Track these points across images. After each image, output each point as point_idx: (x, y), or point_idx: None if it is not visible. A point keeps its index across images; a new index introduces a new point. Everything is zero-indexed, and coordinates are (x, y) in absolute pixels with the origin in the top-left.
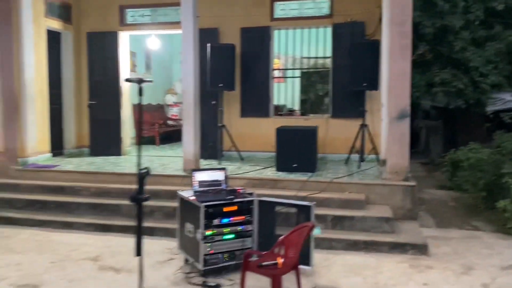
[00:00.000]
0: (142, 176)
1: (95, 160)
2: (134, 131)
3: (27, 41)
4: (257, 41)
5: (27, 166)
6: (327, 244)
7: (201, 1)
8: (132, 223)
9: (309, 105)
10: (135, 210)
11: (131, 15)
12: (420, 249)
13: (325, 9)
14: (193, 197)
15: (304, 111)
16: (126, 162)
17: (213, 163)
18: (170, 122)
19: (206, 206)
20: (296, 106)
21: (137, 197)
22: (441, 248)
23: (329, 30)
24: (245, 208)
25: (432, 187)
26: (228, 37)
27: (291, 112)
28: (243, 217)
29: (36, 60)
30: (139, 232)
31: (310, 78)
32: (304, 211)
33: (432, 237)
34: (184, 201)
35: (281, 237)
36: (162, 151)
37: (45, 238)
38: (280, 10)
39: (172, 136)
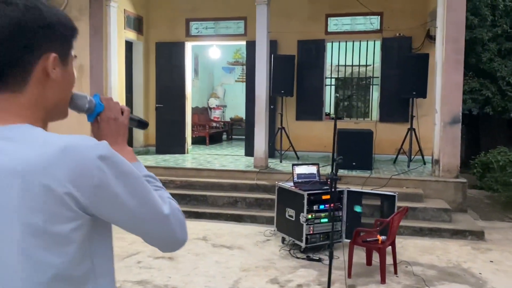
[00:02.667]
0: (338, 162)
1: (165, 157)
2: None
3: (112, 50)
4: (312, 52)
5: None
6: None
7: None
8: (219, 210)
9: (344, 109)
10: (331, 186)
11: (195, 27)
12: (478, 235)
13: (375, 25)
14: (294, 187)
15: (341, 116)
16: (194, 159)
17: (274, 161)
18: (213, 124)
19: (309, 194)
20: (332, 111)
21: (333, 178)
22: (493, 235)
23: (378, 43)
24: (336, 197)
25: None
26: (286, 49)
27: (327, 116)
28: (334, 204)
29: (119, 68)
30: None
31: (351, 85)
32: (388, 200)
33: (482, 226)
34: (284, 190)
35: (389, 218)
36: (217, 150)
37: None
38: (334, 25)
39: (215, 137)
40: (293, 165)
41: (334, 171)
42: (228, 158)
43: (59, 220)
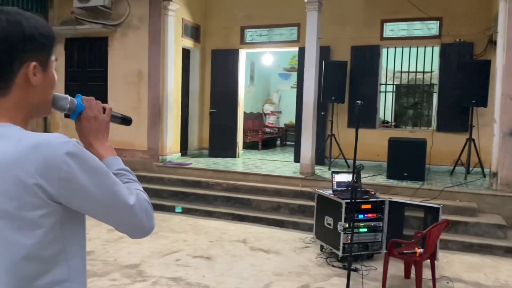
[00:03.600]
0: (358, 169)
1: (217, 161)
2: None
3: (170, 58)
4: (367, 58)
5: (166, 163)
6: (443, 245)
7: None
8: (262, 215)
9: (405, 117)
10: (351, 195)
11: (250, 34)
12: None
13: (433, 30)
14: (333, 195)
15: (398, 123)
16: (244, 164)
17: (322, 168)
18: (267, 130)
19: (347, 203)
20: (390, 119)
21: (353, 185)
22: None
23: (436, 49)
24: (377, 207)
25: None
26: (339, 55)
27: (385, 123)
28: (375, 214)
29: (175, 74)
30: (353, 212)
31: (408, 92)
32: (432, 212)
33: None
34: (324, 198)
35: (425, 230)
36: (267, 156)
37: (194, 223)
38: (389, 31)
39: (268, 142)
40: (332, 172)
41: (354, 178)
42: (276, 163)
43: (29, 208)
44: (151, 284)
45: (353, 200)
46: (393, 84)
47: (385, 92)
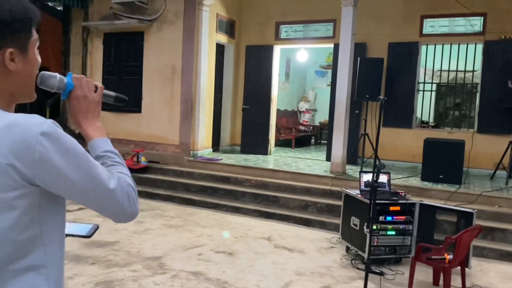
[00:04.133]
0: (379, 168)
1: (248, 157)
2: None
3: (203, 53)
4: (404, 56)
5: (197, 158)
6: (478, 252)
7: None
8: (289, 213)
9: (443, 117)
10: (370, 195)
11: (285, 30)
12: None
13: (477, 27)
14: (360, 195)
15: (437, 124)
16: (274, 161)
17: (354, 168)
18: (301, 128)
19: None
20: (429, 119)
21: (373, 185)
22: None
23: (479, 47)
24: (407, 210)
25: None
26: (375, 52)
27: (424, 123)
28: (404, 217)
29: (208, 69)
30: (372, 212)
31: (448, 91)
32: (465, 217)
33: None
34: (351, 198)
35: (456, 235)
36: (300, 154)
37: (221, 218)
38: (429, 27)
39: (303, 140)
40: (360, 172)
41: (374, 178)
42: (308, 162)
43: (3, 189)
44: (170, 277)
45: (372, 201)
46: (432, 83)
47: (423, 91)
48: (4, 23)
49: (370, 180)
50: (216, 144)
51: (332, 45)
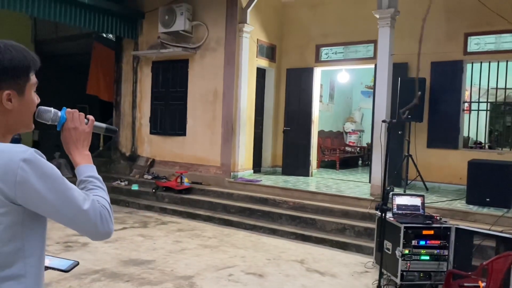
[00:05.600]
0: (387, 191)
1: (288, 179)
2: (317, 155)
3: (243, 77)
4: (448, 75)
5: (237, 179)
6: None
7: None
8: (326, 236)
9: (497, 137)
10: (379, 217)
11: (325, 52)
12: None
13: None
14: (393, 218)
15: (491, 144)
16: (315, 183)
17: (397, 190)
18: (348, 149)
19: (406, 227)
20: (484, 139)
21: (382, 208)
22: None
23: None
24: (442, 234)
25: None
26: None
27: (478, 144)
28: (439, 241)
29: (248, 92)
30: (382, 235)
31: (500, 110)
32: (505, 243)
33: None
34: (383, 221)
35: (486, 262)
36: (344, 175)
37: (256, 240)
38: (474, 45)
39: (349, 161)
40: (392, 194)
41: (383, 200)
42: (350, 184)
43: None
44: None
45: (382, 221)
46: (487, 102)
47: (478, 110)
48: (4, 70)
49: (405, 204)
50: (257, 166)
51: (373, 66)
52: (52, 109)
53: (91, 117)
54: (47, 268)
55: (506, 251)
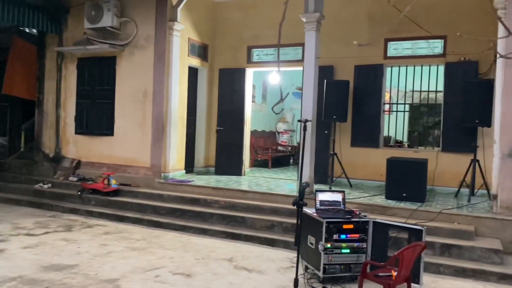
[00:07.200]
0: (303, 187)
1: (221, 178)
2: (250, 155)
3: (174, 76)
4: (370, 77)
5: (168, 180)
6: (435, 269)
7: (320, 42)
8: (255, 233)
9: (416, 137)
10: (297, 213)
11: (256, 54)
12: None
13: (438, 49)
14: (316, 214)
15: (411, 143)
16: (247, 181)
17: (323, 187)
18: (280, 148)
19: (328, 222)
20: (403, 138)
21: (299, 203)
22: None
23: (441, 68)
24: (360, 228)
25: None
26: (342, 74)
27: (398, 143)
28: (358, 235)
29: (180, 92)
30: (299, 229)
31: (418, 111)
32: (415, 234)
33: None
34: (306, 217)
35: (397, 252)
36: (275, 174)
37: (186, 240)
38: (393, 50)
39: (281, 160)
40: (316, 191)
41: (300, 195)
42: (280, 182)
43: None
44: None
45: (299, 221)
46: (405, 104)
47: (396, 111)
48: None
49: (327, 199)
50: (190, 166)
51: (301, 68)
52: None
53: None
54: None
55: (416, 241)
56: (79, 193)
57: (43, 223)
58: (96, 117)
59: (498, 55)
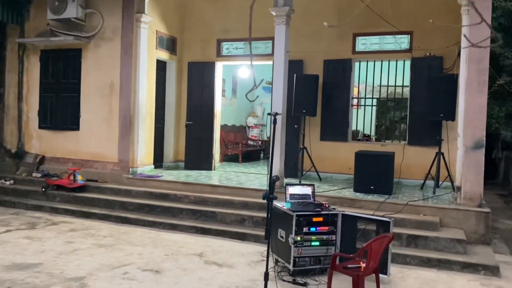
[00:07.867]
0: (273, 181)
1: (190, 173)
2: (220, 149)
3: (142, 69)
4: (339, 72)
5: (136, 175)
6: (402, 260)
7: (289, 37)
8: (226, 228)
9: (383, 131)
10: (267, 206)
11: (226, 47)
12: (492, 270)
13: (404, 44)
14: (286, 207)
15: (378, 137)
16: (217, 176)
17: (293, 181)
18: (250, 142)
19: (297, 216)
20: (371, 132)
21: (269, 197)
22: None
23: (407, 63)
24: (330, 220)
25: (510, 218)
26: (312, 68)
27: (366, 137)
28: (327, 227)
29: (148, 85)
30: (269, 223)
31: (386, 106)
32: (383, 226)
33: (505, 262)
34: (277, 210)
35: (365, 244)
36: (245, 168)
37: (156, 236)
38: (361, 44)
39: (252, 155)
40: (286, 184)
41: (270, 189)
42: (250, 176)
43: None
44: None
45: (269, 215)
46: (372, 98)
47: (364, 105)
48: None
49: (297, 193)
50: (159, 161)
51: (271, 62)
52: None
53: None
54: None
55: (384, 233)
56: (43, 189)
57: (5, 221)
58: (61, 111)
59: (465, 44)
